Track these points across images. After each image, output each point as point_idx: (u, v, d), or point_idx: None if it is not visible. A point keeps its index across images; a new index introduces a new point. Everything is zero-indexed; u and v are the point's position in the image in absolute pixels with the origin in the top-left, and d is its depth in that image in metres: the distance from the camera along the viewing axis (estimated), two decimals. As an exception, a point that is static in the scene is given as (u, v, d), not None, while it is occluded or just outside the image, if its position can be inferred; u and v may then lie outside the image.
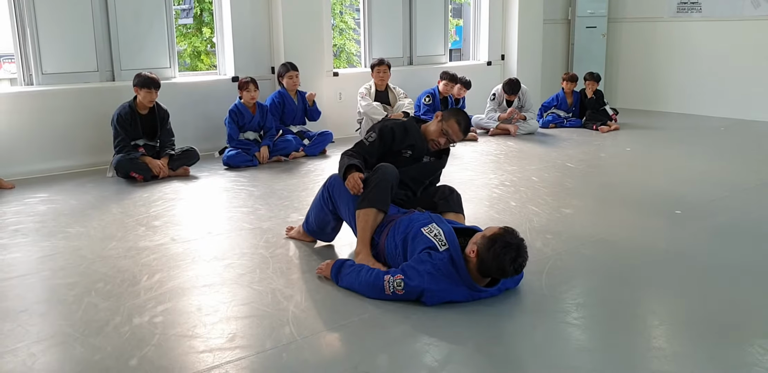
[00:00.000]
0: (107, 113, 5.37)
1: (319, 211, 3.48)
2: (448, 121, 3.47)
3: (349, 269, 3.01)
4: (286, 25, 6.46)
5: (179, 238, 3.79)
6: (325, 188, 3.45)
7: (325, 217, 3.46)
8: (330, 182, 3.43)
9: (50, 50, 5.54)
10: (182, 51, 12.67)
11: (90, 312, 2.80)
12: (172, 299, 2.94)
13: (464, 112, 3.59)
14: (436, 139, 3.50)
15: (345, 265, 3.04)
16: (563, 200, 4.53)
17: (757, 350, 2.46)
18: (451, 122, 3.47)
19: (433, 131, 3.52)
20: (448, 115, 3.50)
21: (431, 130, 3.53)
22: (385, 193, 3.22)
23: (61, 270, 3.30)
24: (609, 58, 9.20)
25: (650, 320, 2.83)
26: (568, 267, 3.32)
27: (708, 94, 8.35)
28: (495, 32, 8.44)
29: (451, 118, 3.48)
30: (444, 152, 3.65)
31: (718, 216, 4.17)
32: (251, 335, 2.59)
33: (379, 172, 3.27)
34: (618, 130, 7.35)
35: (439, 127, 3.49)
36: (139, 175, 5.13)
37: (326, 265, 3.12)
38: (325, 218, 3.47)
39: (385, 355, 2.47)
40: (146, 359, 2.40)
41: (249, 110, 5.80)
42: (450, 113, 3.53)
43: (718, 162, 5.78)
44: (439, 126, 3.49)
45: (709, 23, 8.28)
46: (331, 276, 3.06)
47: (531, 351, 2.54)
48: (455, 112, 3.56)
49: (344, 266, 3.03)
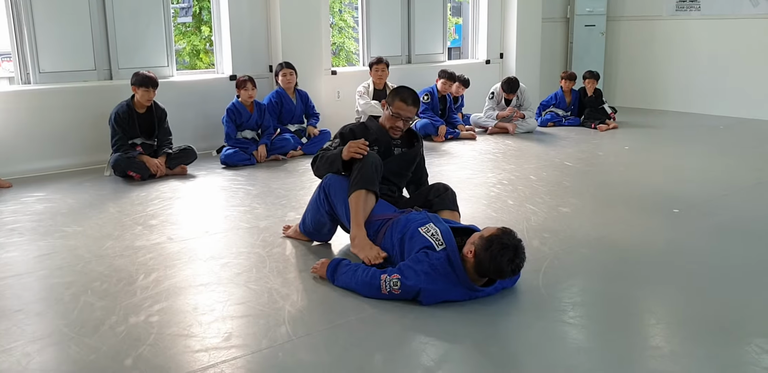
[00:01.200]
0: (105, 112, 5.36)
1: (316, 212, 3.47)
2: (393, 104, 3.46)
3: (345, 268, 3.00)
4: (284, 23, 6.45)
5: (176, 237, 3.78)
6: (321, 189, 3.43)
7: (321, 218, 3.45)
8: (326, 183, 3.41)
9: (47, 49, 5.53)
10: (181, 49, 12.66)
11: (86, 311, 2.80)
12: (168, 298, 2.93)
13: (406, 87, 3.56)
14: (393, 124, 3.49)
15: (341, 264, 3.03)
16: (561, 199, 4.53)
17: (754, 349, 2.46)
18: (396, 103, 3.45)
19: (385, 118, 3.53)
20: (391, 98, 3.48)
21: (384, 118, 3.54)
22: (370, 174, 3.24)
23: (58, 269, 3.30)
24: (608, 56, 9.19)
25: (647, 319, 2.82)
26: (565, 266, 3.31)
27: (707, 93, 8.34)
28: (494, 31, 8.43)
29: (395, 99, 3.46)
30: (414, 139, 3.65)
31: (717, 215, 4.16)
32: (247, 334, 2.59)
33: (363, 159, 3.29)
34: (616, 128, 7.35)
35: (388, 113, 3.49)
36: (136, 174, 5.12)
37: (321, 264, 3.11)
38: (321, 219, 3.46)
39: (382, 354, 2.46)
40: (142, 359, 2.39)
41: (247, 109, 5.79)
42: (391, 95, 3.50)
43: (717, 160, 5.77)
44: (387, 112, 3.49)
45: (708, 22, 8.27)
46: (327, 275, 3.05)
47: (528, 350, 2.53)
48: (395, 91, 3.53)
49: (340, 265, 3.02)
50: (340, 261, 3.05)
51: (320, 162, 3.48)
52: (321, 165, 3.47)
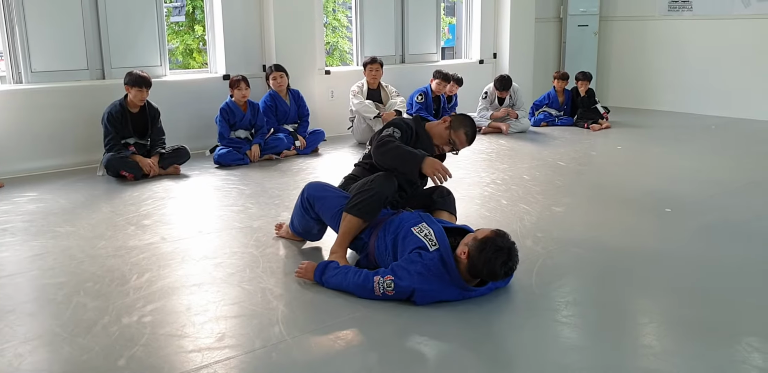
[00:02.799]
0: (97, 112, 5.34)
1: (302, 217, 3.46)
2: (456, 132, 3.39)
3: (335, 271, 2.98)
4: (277, 22, 6.44)
5: (169, 237, 3.78)
6: (304, 199, 3.40)
7: (309, 222, 3.44)
8: (309, 194, 3.37)
9: (39, 48, 5.51)
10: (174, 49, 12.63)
11: (79, 312, 2.79)
12: (162, 298, 2.92)
13: (472, 120, 3.49)
14: (441, 145, 3.45)
15: (329, 267, 3.00)
16: (554, 198, 4.54)
17: (744, 348, 2.47)
18: (459, 133, 3.39)
19: (439, 137, 3.43)
20: (458, 124, 3.40)
21: (437, 135, 3.44)
22: (377, 206, 3.17)
23: (50, 270, 3.29)
24: (600, 56, 9.22)
25: (640, 318, 2.83)
26: (558, 265, 3.32)
27: (699, 93, 8.38)
28: (487, 30, 8.44)
29: (460, 129, 3.39)
30: (443, 156, 3.61)
31: (708, 214, 4.18)
32: (240, 334, 2.58)
33: (377, 182, 3.19)
34: (609, 128, 7.37)
35: (447, 135, 3.40)
36: (129, 174, 5.10)
37: (305, 269, 3.06)
38: (309, 223, 3.44)
39: (376, 354, 2.46)
40: (135, 359, 2.39)
41: (240, 108, 5.78)
42: (459, 122, 3.42)
43: (709, 160, 5.80)
44: (446, 133, 3.40)
45: (700, 22, 8.30)
46: (315, 278, 3.02)
47: (521, 349, 2.54)
48: (464, 121, 3.44)
49: (328, 267, 3.00)
50: (328, 264, 3.02)
51: (391, 153, 3.22)
52: (391, 156, 3.22)
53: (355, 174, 3.53)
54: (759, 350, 2.46)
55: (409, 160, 3.20)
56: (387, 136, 3.28)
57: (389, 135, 3.29)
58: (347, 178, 3.54)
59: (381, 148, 3.25)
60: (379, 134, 3.38)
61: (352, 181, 3.42)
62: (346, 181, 3.51)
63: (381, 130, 3.41)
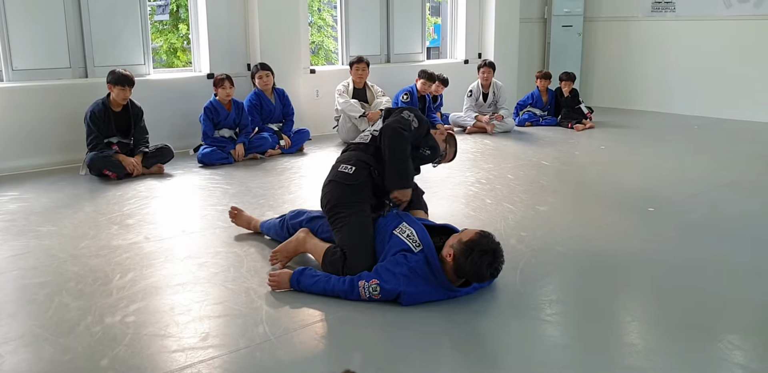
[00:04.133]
0: (80, 110, 5.29)
1: (279, 235, 3.52)
2: (451, 148, 3.65)
3: (314, 278, 2.90)
4: (262, 21, 6.42)
5: (152, 236, 3.75)
6: (286, 225, 3.47)
7: (286, 237, 3.42)
8: (290, 223, 3.46)
9: (21, 46, 5.45)
10: (158, 48, 12.55)
11: (61, 312, 2.76)
12: (145, 298, 2.90)
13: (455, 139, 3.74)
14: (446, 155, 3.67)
15: (305, 274, 2.92)
16: (538, 198, 4.56)
17: (726, 346, 2.50)
18: (452, 150, 3.66)
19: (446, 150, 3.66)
20: (453, 142, 3.67)
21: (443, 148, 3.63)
22: (356, 248, 3.07)
23: (32, 269, 3.25)
24: (585, 56, 9.27)
25: (623, 317, 2.85)
26: (542, 264, 3.34)
27: (681, 93, 8.45)
28: (472, 31, 8.46)
29: (454, 147, 3.67)
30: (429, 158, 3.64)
31: (691, 213, 4.22)
32: (224, 334, 2.57)
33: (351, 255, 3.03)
34: (593, 128, 7.41)
35: (444, 147, 3.61)
36: (112, 173, 5.06)
37: (279, 278, 2.95)
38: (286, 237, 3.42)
39: (360, 354, 2.46)
40: (118, 359, 2.37)
41: (224, 107, 5.76)
42: (455, 141, 3.68)
43: (691, 160, 5.85)
44: (443, 145, 3.60)
45: (683, 23, 8.38)
46: (292, 286, 2.93)
47: (506, 348, 2.55)
48: (456, 142, 3.71)
49: (304, 274, 2.92)
50: (303, 270, 2.95)
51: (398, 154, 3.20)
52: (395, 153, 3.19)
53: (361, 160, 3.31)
54: (740, 348, 2.49)
55: (401, 173, 3.24)
56: (405, 123, 3.25)
57: (406, 122, 3.27)
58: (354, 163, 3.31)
59: (396, 140, 3.20)
60: (397, 114, 3.31)
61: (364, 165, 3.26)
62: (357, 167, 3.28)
63: (398, 110, 3.36)
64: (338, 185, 3.23)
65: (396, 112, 3.34)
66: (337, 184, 3.24)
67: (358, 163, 3.26)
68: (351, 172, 3.23)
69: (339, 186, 3.23)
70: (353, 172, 3.23)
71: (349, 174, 3.23)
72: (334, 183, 3.26)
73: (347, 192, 3.20)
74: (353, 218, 3.11)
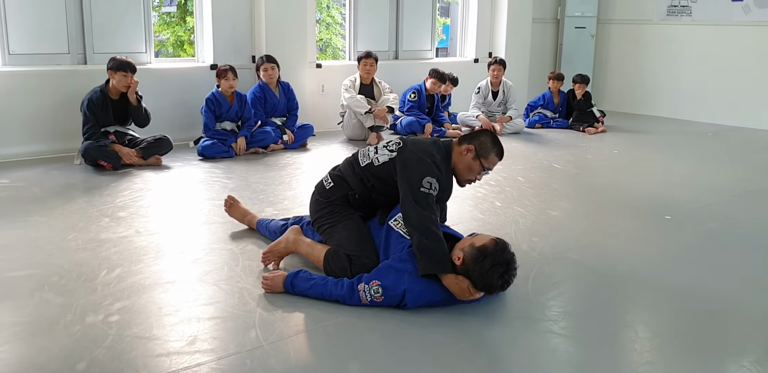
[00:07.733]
0: (77, 98, 5.12)
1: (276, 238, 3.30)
2: (487, 158, 2.99)
3: (310, 282, 2.73)
4: (268, 13, 6.24)
5: (145, 230, 3.57)
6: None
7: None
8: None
9: (18, 30, 5.28)
10: (165, 40, 12.39)
11: (40, 308, 2.59)
12: (131, 296, 2.72)
13: (491, 135, 3.08)
14: (474, 175, 3.02)
15: (300, 277, 2.75)
16: (550, 202, 4.37)
17: (751, 367, 2.30)
18: (491, 158, 3.00)
19: (469, 171, 3.00)
20: (484, 150, 2.98)
21: (466, 169, 3.00)
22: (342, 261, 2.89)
23: (14, 261, 3.08)
24: (597, 59, 9.08)
25: (641, 332, 2.66)
26: (555, 272, 3.15)
27: (696, 99, 8.25)
28: (483, 30, 8.27)
29: (490, 154, 2.99)
30: None
31: (707, 223, 4.03)
32: (214, 338, 2.39)
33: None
34: (605, 132, 7.23)
35: (478, 166, 2.98)
36: (107, 164, 4.89)
37: (273, 282, 2.78)
38: None
39: (357, 364, 2.27)
40: (95, 363, 2.19)
41: (227, 99, 5.58)
42: (483, 146, 2.99)
43: (706, 168, 5.65)
44: (476, 164, 2.97)
45: (699, 27, 8.18)
46: (286, 290, 2.76)
47: (516, 363, 2.36)
48: (487, 141, 3.01)
49: (299, 277, 2.75)
50: (297, 273, 2.78)
51: (430, 247, 2.67)
52: (428, 249, 2.66)
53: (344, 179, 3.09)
54: (761, 364, 2.30)
55: (435, 260, 2.66)
56: (427, 198, 2.79)
57: (428, 195, 2.79)
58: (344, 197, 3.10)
59: (426, 233, 2.69)
60: (410, 179, 2.83)
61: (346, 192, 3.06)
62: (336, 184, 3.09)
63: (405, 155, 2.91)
64: (316, 199, 3.14)
65: (416, 179, 2.82)
66: (316, 198, 3.15)
67: (338, 180, 3.09)
68: (327, 188, 3.10)
69: (317, 200, 3.14)
70: (329, 189, 3.10)
71: (326, 189, 3.11)
72: (314, 194, 3.18)
73: (323, 205, 3.09)
74: (340, 220, 3.01)
